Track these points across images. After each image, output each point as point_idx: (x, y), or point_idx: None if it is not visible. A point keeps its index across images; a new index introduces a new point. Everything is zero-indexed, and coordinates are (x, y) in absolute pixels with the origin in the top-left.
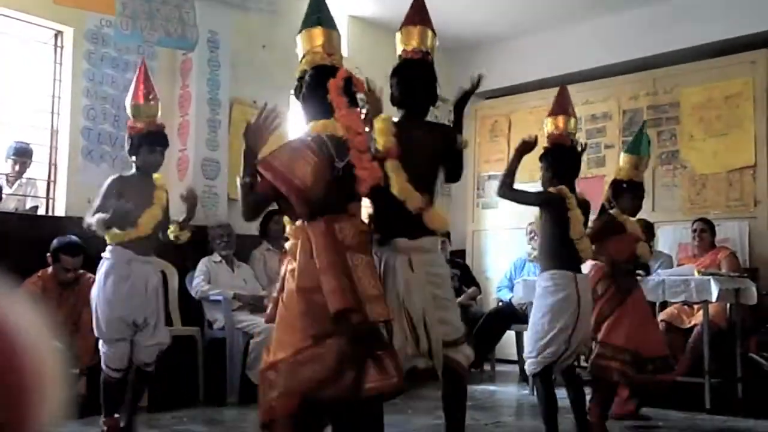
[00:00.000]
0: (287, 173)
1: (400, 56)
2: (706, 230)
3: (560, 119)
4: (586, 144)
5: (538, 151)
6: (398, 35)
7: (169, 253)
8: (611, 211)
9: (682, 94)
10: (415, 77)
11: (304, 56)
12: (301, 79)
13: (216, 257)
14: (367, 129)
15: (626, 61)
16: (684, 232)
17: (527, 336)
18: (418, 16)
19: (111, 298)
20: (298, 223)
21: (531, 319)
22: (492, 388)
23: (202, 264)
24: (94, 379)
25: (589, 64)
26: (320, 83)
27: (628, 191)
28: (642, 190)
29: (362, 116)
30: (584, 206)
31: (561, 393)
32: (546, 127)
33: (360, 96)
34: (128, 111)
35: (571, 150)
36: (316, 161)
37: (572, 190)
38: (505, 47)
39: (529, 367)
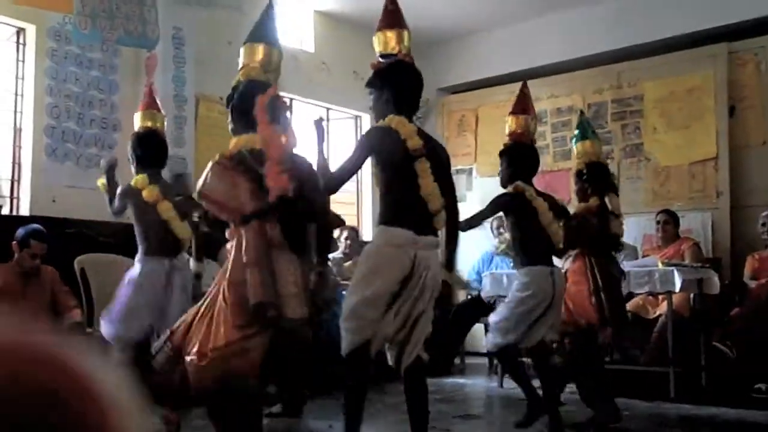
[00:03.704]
0: (230, 204)
1: (386, 55)
2: (669, 222)
3: (520, 118)
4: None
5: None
6: (377, 37)
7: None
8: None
9: (646, 87)
10: (416, 82)
11: (242, 68)
12: (234, 89)
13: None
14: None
15: (591, 55)
16: (648, 223)
17: (496, 315)
18: (397, 18)
19: None
20: (233, 225)
21: (505, 303)
22: (461, 380)
23: None
24: None
25: (554, 58)
26: (250, 97)
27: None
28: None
29: (280, 133)
30: (549, 199)
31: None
32: (507, 125)
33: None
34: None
35: (531, 148)
36: (246, 182)
37: (530, 185)
38: (470, 42)
39: (489, 345)
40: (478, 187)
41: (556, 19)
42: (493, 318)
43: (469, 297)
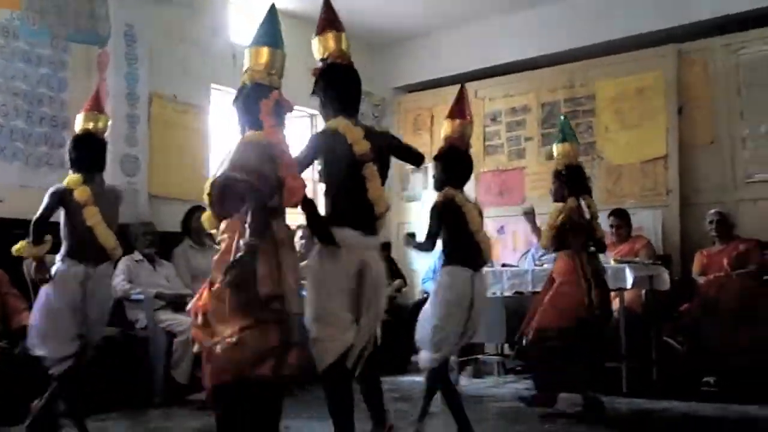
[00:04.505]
0: (266, 178)
1: (323, 60)
2: (621, 225)
3: (457, 123)
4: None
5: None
6: (315, 42)
7: None
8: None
9: (598, 87)
10: (350, 81)
11: (246, 70)
12: (240, 90)
13: (137, 255)
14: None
15: (544, 54)
16: (602, 221)
17: (422, 327)
18: (332, 22)
19: None
20: (234, 218)
21: (427, 312)
22: (418, 378)
23: (123, 263)
24: None
25: (508, 57)
26: (255, 100)
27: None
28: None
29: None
30: (477, 207)
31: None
32: (443, 129)
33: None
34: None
35: (465, 154)
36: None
37: (460, 191)
38: (426, 41)
39: (424, 362)
40: None
41: (511, 20)
42: (418, 334)
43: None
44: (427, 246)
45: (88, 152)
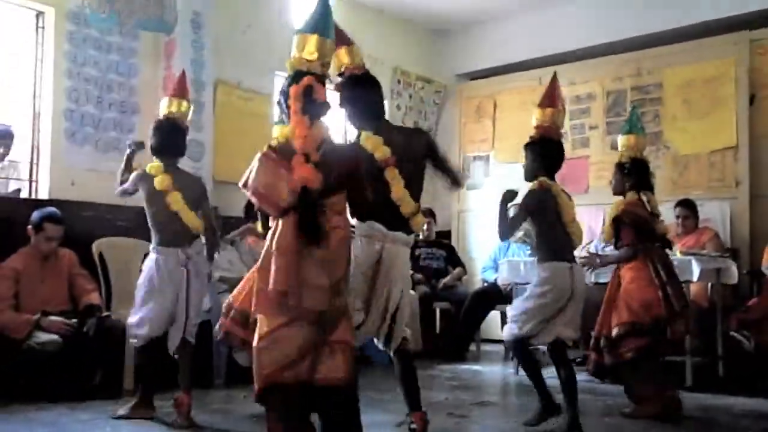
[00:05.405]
0: (271, 196)
1: (341, 74)
2: (689, 216)
3: (548, 111)
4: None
5: (524, 134)
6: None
7: None
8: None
9: (665, 75)
10: (370, 89)
11: (290, 59)
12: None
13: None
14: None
15: (610, 42)
16: (667, 212)
17: (516, 301)
18: (342, 39)
19: None
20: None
21: (523, 297)
22: (477, 367)
23: None
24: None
25: (573, 45)
26: (288, 88)
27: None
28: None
29: (311, 123)
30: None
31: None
32: (534, 117)
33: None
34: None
35: (557, 144)
36: (289, 175)
37: (553, 180)
38: (490, 28)
39: (505, 334)
40: (495, 174)
41: (576, 6)
42: (510, 310)
43: (485, 284)
44: (509, 231)
45: (168, 138)
